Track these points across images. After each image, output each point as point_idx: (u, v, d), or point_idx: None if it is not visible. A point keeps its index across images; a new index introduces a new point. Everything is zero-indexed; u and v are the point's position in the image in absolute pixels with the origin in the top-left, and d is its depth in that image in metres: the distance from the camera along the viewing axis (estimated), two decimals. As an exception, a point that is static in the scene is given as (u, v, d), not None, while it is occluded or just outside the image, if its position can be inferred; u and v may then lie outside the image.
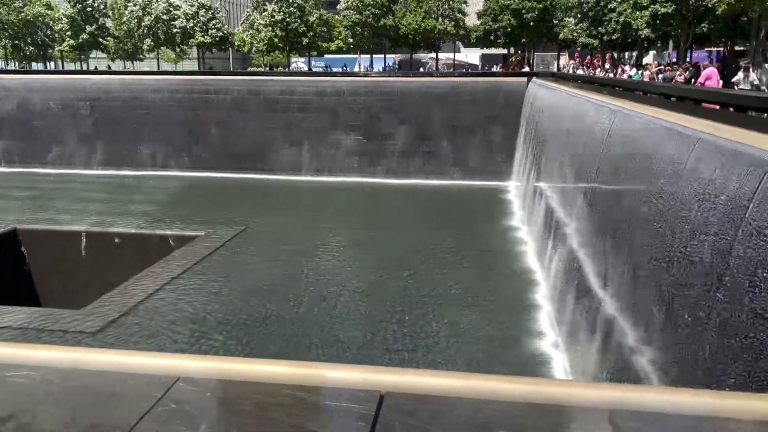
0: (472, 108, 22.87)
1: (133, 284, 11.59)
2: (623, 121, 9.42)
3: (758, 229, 4.38)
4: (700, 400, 1.19)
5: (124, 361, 1.39)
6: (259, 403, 1.10)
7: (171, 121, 24.66)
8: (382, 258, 13.60)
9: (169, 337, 9.49)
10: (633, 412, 1.11)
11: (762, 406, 1.15)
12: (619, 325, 7.04)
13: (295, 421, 1.03)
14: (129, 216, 17.43)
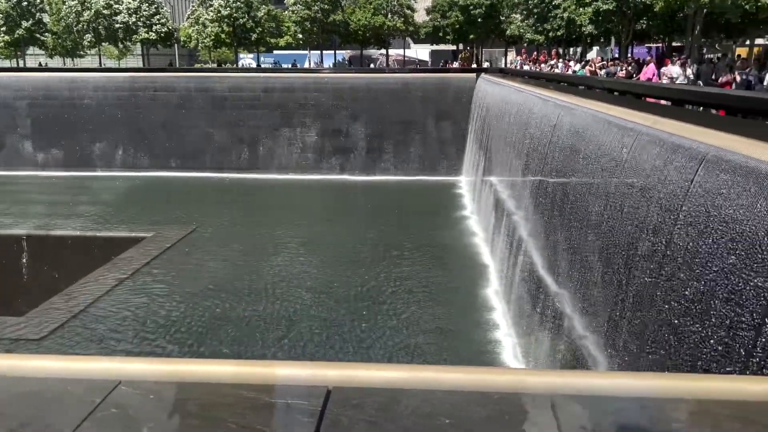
0: (423, 104, 23.02)
1: (78, 289, 11.21)
2: (569, 116, 9.66)
3: (694, 214, 4.58)
4: (644, 382, 1.24)
5: (63, 367, 1.34)
6: (204, 403, 1.08)
7: (115, 119, 23.91)
8: (335, 254, 13.56)
9: (116, 342, 9.23)
10: (575, 397, 1.14)
11: (703, 386, 1.21)
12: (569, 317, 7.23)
13: (240, 421, 1.01)
14: (73, 218, 16.83)
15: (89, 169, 24.01)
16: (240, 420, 1.02)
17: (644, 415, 1.12)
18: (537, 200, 10.30)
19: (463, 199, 19.55)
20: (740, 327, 3.61)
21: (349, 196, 20.86)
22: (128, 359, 1.30)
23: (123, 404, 1.08)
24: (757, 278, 3.59)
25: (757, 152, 4.40)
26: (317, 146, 23.47)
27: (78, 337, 9.28)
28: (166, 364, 1.20)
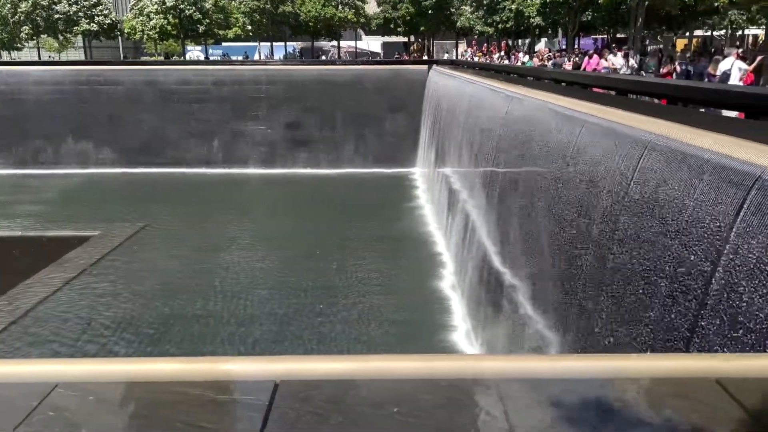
0: (375, 96, 22.98)
1: (21, 291, 10.78)
2: (519, 106, 9.82)
3: (639, 199, 4.73)
4: (589, 363, 1.27)
5: (-2, 372, 1.28)
6: (147, 403, 1.05)
7: (58, 115, 23.01)
8: (289, 249, 13.45)
9: (60, 345, 8.91)
10: (522, 380, 1.16)
11: (646, 365, 1.25)
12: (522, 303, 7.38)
13: (185, 419, 0.99)
14: (15, 218, 16.15)
15: (31, 167, 23.06)
16: (185, 418, 1.00)
17: (590, 396, 1.15)
18: (489, 189, 10.45)
19: (417, 191, 19.66)
20: (683, 306, 3.75)
21: (302, 189, 20.69)
22: (66, 361, 1.26)
23: (61, 407, 1.04)
24: (696, 258, 3.74)
25: (695, 139, 4.58)
26: (270, 140, 23.17)
27: (18, 342, 8.93)
28: (107, 364, 1.16)
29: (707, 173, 4.05)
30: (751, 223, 3.34)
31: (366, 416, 1.01)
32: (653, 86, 8.48)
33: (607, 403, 1.14)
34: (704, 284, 3.50)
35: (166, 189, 20.52)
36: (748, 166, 3.73)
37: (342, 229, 14.93)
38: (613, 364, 1.25)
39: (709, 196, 3.87)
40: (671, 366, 1.21)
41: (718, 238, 3.56)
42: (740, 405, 1.08)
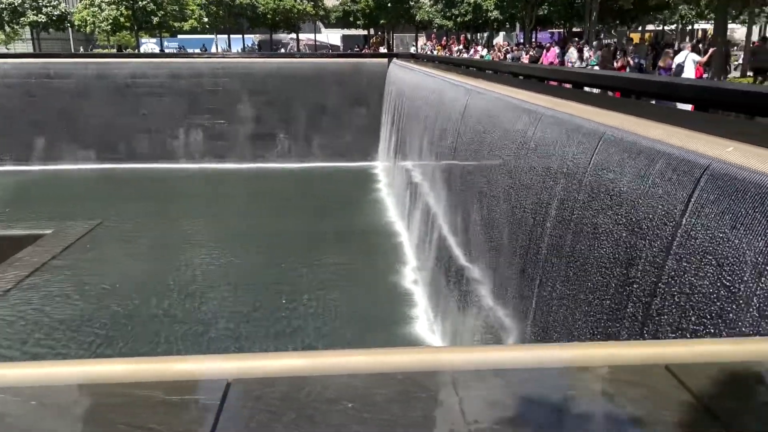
0: (336, 89, 22.85)
1: (-32, 293, 10.37)
2: (478, 99, 9.90)
3: (594, 189, 4.83)
4: (545, 352, 1.28)
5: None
6: (92, 405, 1.01)
7: (5, 109, 22.14)
8: (250, 245, 13.28)
9: (5, 349, 8.60)
10: (478, 371, 1.17)
11: (608, 353, 1.26)
12: (482, 294, 7.47)
13: (132, 421, 0.96)
14: (-41, 217, 15.51)
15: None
16: (132, 420, 0.97)
17: (545, 385, 1.16)
18: (450, 182, 10.52)
19: (379, 184, 19.66)
20: (635, 294, 3.85)
21: (263, 184, 20.44)
22: (6, 364, 1.20)
23: (1, 413, 0.99)
24: (649, 247, 3.83)
25: (647, 130, 4.69)
26: (229, 134, 22.80)
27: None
28: (50, 366, 1.12)
29: (659, 164, 4.16)
30: (701, 211, 3.44)
31: (320, 412, 1.00)
32: (607, 79, 8.66)
33: (562, 391, 1.15)
34: (657, 272, 3.59)
35: (122, 185, 20.00)
36: (697, 157, 3.84)
37: (304, 224, 14.83)
38: (567, 353, 1.26)
39: (661, 186, 3.97)
40: (623, 353, 1.23)
41: (670, 227, 3.66)
42: (688, 390, 1.11)
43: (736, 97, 5.65)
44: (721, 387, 1.18)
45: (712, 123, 4.74)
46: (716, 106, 6.08)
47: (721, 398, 1.15)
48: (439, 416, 1.00)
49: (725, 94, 5.81)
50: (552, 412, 1.04)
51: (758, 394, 1.22)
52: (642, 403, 1.10)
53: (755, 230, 3.00)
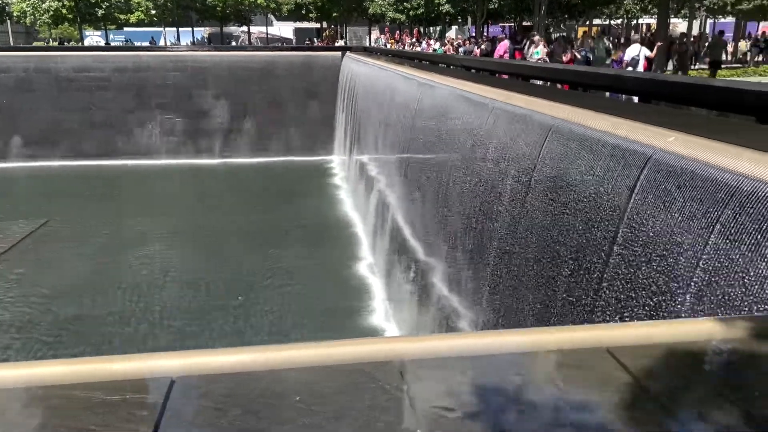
0: (289, 83, 22.59)
1: None
2: (430, 92, 9.96)
3: (545, 180, 4.93)
4: (492, 339, 1.30)
5: None
6: (29, 408, 0.98)
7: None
8: (205, 243, 13.05)
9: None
10: (425, 360, 1.18)
11: (553, 338, 1.29)
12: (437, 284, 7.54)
13: (71, 423, 0.93)
14: None
15: None
16: (71, 423, 0.94)
17: (493, 372, 1.18)
18: (405, 174, 10.57)
19: (335, 178, 19.59)
20: (586, 282, 3.95)
21: (215, 180, 20.10)
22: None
23: (-71, 422, 0.95)
24: (596, 236, 3.94)
25: (594, 122, 4.81)
26: (179, 129, 22.29)
27: None
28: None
29: (605, 154, 4.28)
30: (644, 200, 3.56)
31: (267, 407, 0.99)
32: (557, 72, 8.85)
33: (508, 377, 1.18)
34: (604, 260, 3.70)
35: (68, 182, 19.32)
36: (641, 147, 3.97)
37: (259, 220, 14.66)
38: (514, 340, 1.28)
39: (607, 176, 4.09)
40: (567, 338, 1.27)
41: (616, 216, 3.77)
42: (628, 371, 1.14)
43: (677, 89, 5.85)
44: (659, 367, 1.23)
45: (655, 114, 4.89)
46: (659, 98, 6.29)
47: (659, 378, 1.19)
48: (387, 406, 1.01)
49: (667, 86, 6.02)
50: (498, 398, 1.06)
51: (694, 372, 1.27)
52: (584, 384, 1.13)
53: (694, 217, 3.12)
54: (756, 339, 1.36)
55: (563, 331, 1.36)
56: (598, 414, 1.03)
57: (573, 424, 1.00)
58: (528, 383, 1.14)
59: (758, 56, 33.56)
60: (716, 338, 1.30)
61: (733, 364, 1.30)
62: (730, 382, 1.25)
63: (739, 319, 1.39)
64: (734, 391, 1.21)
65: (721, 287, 2.78)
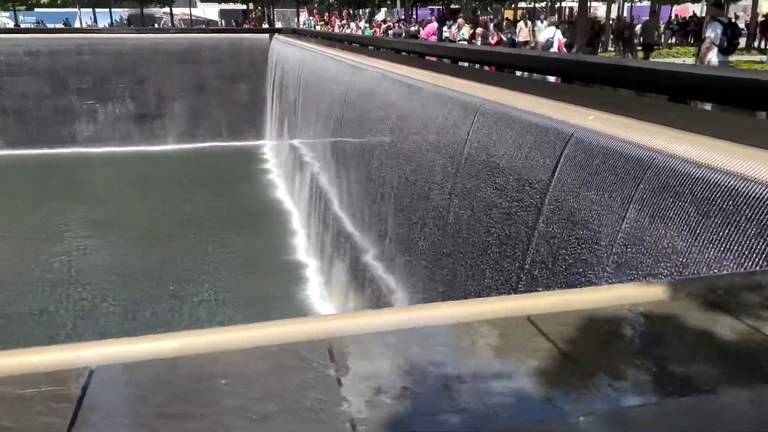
0: (216, 66, 21.93)
1: None
2: (361, 75, 9.93)
3: (474, 161, 5.04)
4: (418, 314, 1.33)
5: None
6: (-66, 410, 0.92)
7: None
8: (134, 233, 12.57)
9: None
10: (352, 336, 1.19)
11: (478, 309, 1.33)
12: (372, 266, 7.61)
13: (-18, 421, 0.89)
14: None
15: None
16: (-18, 421, 0.89)
17: (417, 346, 1.20)
18: (338, 158, 10.54)
19: (268, 163, 19.27)
20: (512, 257, 4.08)
21: (142, 168, 19.33)
22: None
23: None
24: (523, 213, 4.07)
25: (519, 102, 4.94)
26: (100, 116, 21.27)
27: None
28: None
29: (530, 133, 4.41)
30: (566, 177, 3.70)
31: (192, 392, 0.98)
32: (483, 54, 9.00)
33: (434, 349, 1.20)
34: (529, 235, 3.83)
35: (-22, 175, 18.12)
36: (563, 126, 4.11)
37: (191, 208, 14.25)
38: (438, 313, 1.32)
39: (531, 155, 4.22)
40: (489, 308, 1.31)
41: (540, 193, 3.90)
42: (548, 339, 1.20)
43: (598, 70, 6.08)
44: (579, 334, 1.29)
45: (576, 94, 5.07)
46: (580, 79, 6.52)
47: (579, 344, 1.25)
48: (315, 384, 1.01)
49: (589, 67, 6.24)
50: (423, 371, 1.09)
51: (613, 337, 1.34)
52: (506, 352, 1.17)
53: (613, 192, 3.27)
54: (668, 303, 1.45)
55: (486, 303, 1.40)
56: (518, 381, 1.08)
57: (496, 393, 1.03)
58: (452, 355, 1.17)
59: (671, 38, 35.33)
60: (631, 303, 1.37)
61: (647, 327, 1.38)
62: (645, 345, 1.33)
63: (652, 285, 1.47)
64: (649, 353, 1.28)
65: (638, 258, 2.94)
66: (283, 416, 0.92)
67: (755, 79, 4.11)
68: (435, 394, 1.01)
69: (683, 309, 1.38)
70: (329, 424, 0.92)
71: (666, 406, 1.04)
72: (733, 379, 1.13)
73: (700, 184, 2.70)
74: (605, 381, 1.14)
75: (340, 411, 0.94)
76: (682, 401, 1.06)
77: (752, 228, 2.37)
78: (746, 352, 1.25)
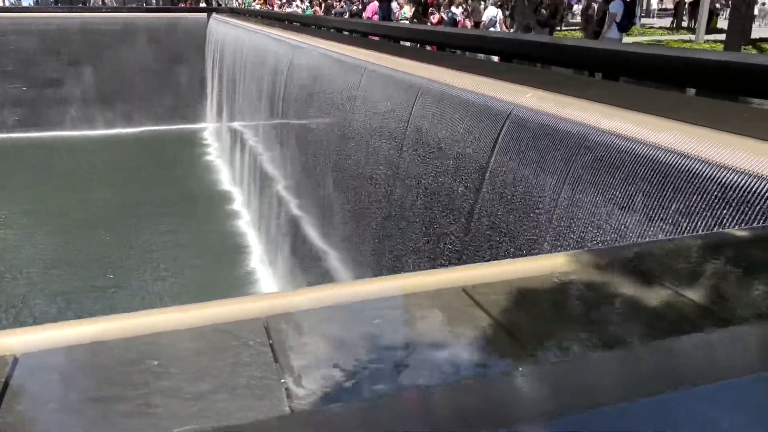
0: (152, 47, 21.14)
1: None
2: (302, 55, 9.78)
3: (416, 139, 5.07)
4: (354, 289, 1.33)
5: None
6: None
7: None
8: (69, 221, 12.08)
9: None
10: (287, 314, 1.18)
11: (416, 282, 1.35)
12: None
13: None
14: None
15: None
16: None
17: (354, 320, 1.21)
18: (280, 138, 10.39)
19: (208, 147, 18.83)
20: (455, 229, 4.15)
21: (75, 154, 18.50)
22: None
23: None
24: (464, 189, 4.13)
25: (459, 81, 4.98)
26: (27, 99, 20.19)
27: None
28: None
29: (470, 111, 4.46)
30: (505, 153, 3.77)
31: (121, 375, 0.95)
32: (425, 34, 9.01)
33: (371, 323, 1.21)
34: (470, 209, 3.89)
35: None
36: (501, 104, 4.18)
37: (129, 194, 13.78)
38: (376, 287, 1.33)
39: (472, 132, 4.27)
40: (426, 281, 1.33)
41: (480, 169, 3.97)
42: (481, 307, 1.22)
43: (534, 49, 6.19)
44: (513, 303, 1.33)
45: (514, 72, 5.15)
46: (519, 57, 6.63)
47: (513, 313, 1.29)
48: (250, 361, 1.01)
49: (527, 46, 6.34)
50: (360, 344, 1.10)
51: (544, 304, 1.38)
52: (441, 322, 1.20)
53: (549, 166, 3.35)
54: (596, 270, 1.50)
55: (422, 276, 1.42)
56: (453, 350, 1.10)
57: (431, 361, 1.05)
58: (389, 328, 1.19)
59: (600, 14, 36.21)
60: (561, 272, 1.42)
61: (576, 294, 1.43)
62: (574, 311, 1.38)
63: (581, 254, 1.52)
64: (578, 318, 1.33)
65: (573, 229, 3.03)
66: (217, 394, 0.91)
67: (684, 57, 4.27)
68: (370, 367, 1.02)
69: (610, 276, 1.44)
70: (265, 400, 0.92)
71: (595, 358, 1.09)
72: (659, 338, 1.20)
73: (629, 158, 2.80)
74: (537, 347, 1.18)
75: (277, 387, 0.94)
76: (612, 353, 1.11)
77: (679, 198, 2.48)
78: (671, 314, 1.32)
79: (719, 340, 1.12)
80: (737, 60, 3.58)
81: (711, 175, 2.42)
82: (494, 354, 1.10)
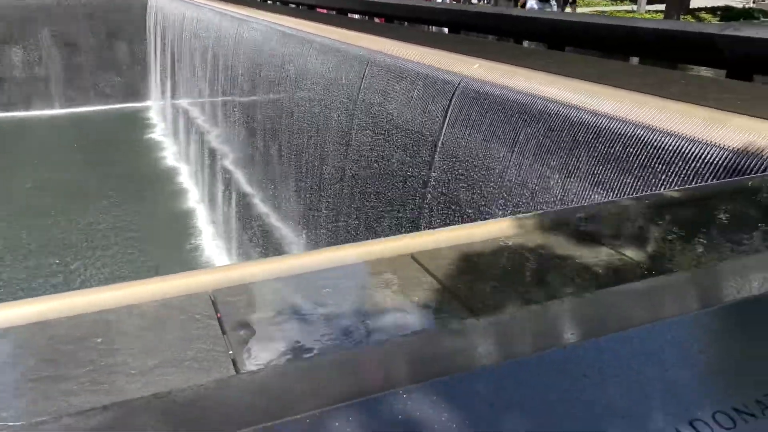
0: (88, 23, 20.21)
1: None
2: (248, 29, 9.55)
3: (367, 113, 5.05)
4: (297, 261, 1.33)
5: None
6: None
7: None
8: (10, 205, 11.57)
9: None
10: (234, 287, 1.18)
11: (366, 250, 1.35)
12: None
13: None
14: None
15: None
16: None
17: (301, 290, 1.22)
18: (228, 115, 10.18)
19: (154, 126, 18.26)
20: (409, 202, 4.18)
21: (10, 136, 17.67)
22: None
23: None
24: (417, 162, 4.15)
25: (406, 53, 4.96)
26: (-44, 80, 19.10)
27: None
28: None
29: (419, 84, 4.46)
30: (455, 125, 3.80)
31: (64, 354, 0.93)
32: (373, 6, 8.92)
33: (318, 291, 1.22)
34: (423, 184, 3.92)
35: None
36: (450, 75, 4.19)
37: (73, 177, 13.28)
38: (320, 257, 1.33)
39: (421, 105, 4.28)
40: (375, 249, 1.34)
41: (431, 142, 3.99)
42: (428, 272, 1.25)
43: (481, 19, 6.21)
44: (459, 267, 1.35)
45: (462, 43, 5.17)
46: (467, 28, 6.65)
47: (458, 277, 1.31)
48: (198, 335, 1.00)
49: (475, 17, 6.37)
50: (307, 314, 1.11)
51: (491, 267, 1.41)
52: (391, 287, 1.21)
53: (499, 136, 3.40)
54: (539, 233, 1.54)
55: (372, 244, 1.43)
56: (401, 314, 1.12)
57: (378, 326, 1.07)
58: (336, 296, 1.20)
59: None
60: (504, 236, 1.46)
61: (519, 256, 1.47)
62: (516, 272, 1.42)
63: (524, 218, 1.56)
64: (520, 279, 1.37)
65: (522, 194, 3.10)
66: (164, 368, 0.91)
67: (628, 27, 4.37)
68: (318, 335, 1.03)
69: (554, 238, 1.48)
70: (213, 371, 0.91)
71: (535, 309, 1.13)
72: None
73: (570, 124, 2.87)
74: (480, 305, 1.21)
75: (224, 359, 0.94)
76: (550, 303, 1.15)
77: (618, 163, 2.56)
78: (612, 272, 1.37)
79: (654, 288, 1.17)
80: (675, 28, 3.68)
81: (649, 139, 2.50)
82: (440, 315, 1.13)
